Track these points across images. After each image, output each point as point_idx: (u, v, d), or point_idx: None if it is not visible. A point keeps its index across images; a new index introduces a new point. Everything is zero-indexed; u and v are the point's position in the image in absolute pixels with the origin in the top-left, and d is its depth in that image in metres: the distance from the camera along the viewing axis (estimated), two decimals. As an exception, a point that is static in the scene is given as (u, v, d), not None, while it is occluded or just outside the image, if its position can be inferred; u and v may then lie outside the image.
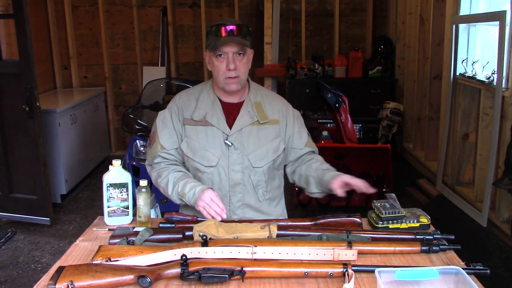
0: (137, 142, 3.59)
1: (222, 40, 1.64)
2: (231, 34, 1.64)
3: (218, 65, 1.68)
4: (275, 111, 1.79)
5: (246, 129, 1.73)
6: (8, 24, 4.08)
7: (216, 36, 1.65)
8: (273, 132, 1.77)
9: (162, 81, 4.42)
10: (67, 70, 5.42)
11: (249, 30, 1.69)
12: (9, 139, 3.64)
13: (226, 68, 1.66)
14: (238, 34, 1.65)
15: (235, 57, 1.66)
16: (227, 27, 1.64)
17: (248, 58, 1.72)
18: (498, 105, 2.68)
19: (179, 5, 5.43)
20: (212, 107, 1.75)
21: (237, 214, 1.75)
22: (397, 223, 1.54)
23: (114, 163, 1.63)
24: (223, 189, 1.74)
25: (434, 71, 3.88)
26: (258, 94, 1.80)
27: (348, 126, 3.93)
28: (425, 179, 3.96)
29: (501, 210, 2.70)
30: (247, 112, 1.75)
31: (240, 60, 1.68)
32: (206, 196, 1.58)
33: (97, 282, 1.18)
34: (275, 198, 1.85)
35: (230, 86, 1.69)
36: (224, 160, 1.72)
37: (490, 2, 3.19)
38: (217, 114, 1.74)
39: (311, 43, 5.48)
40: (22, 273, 3.06)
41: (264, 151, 1.74)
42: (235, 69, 1.66)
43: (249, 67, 1.74)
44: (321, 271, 1.24)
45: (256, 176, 1.75)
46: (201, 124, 1.73)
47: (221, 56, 1.67)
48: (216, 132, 1.72)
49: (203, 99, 1.77)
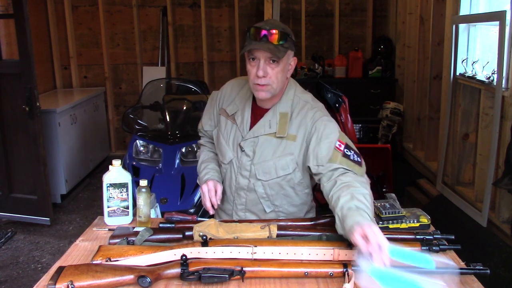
0: (137, 142, 3.59)
1: (254, 44, 1.54)
2: (265, 39, 1.53)
3: (250, 69, 1.59)
4: (301, 126, 1.63)
5: (262, 138, 1.66)
6: (8, 24, 4.08)
7: (251, 39, 1.56)
8: (287, 148, 1.63)
9: (162, 81, 4.42)
10: (67, 70, 5.42)
11: (289, 36, 1.56)
12: (9, 139, 3.64)
13: (255, 74, 1.56)
14: (275, 40, 1.53)
15: (267, 64, 1.55)
16: (264, 31, 1.53)
17: (285, 66, 1.59)
18: (498, 105, 2.68)
19: (179, 5, 5.43)
20: (244, 106, 1.71)
21: (239, 215, 1.76)
22: (397, 223, 1.54)
23: (114, 163, 1.63)
24: (231, 188, 1.75)
25: (434, 71, 3.88)
26: (289, 104, 1.66)
27: (348, 126, 3.93)
28: (425, 179, 3.96)
29: (501, 210, 2.70)
30: (268, 121, 1.65)
31: (273, 68, 1.55)
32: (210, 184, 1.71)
33: (97, 282, 1.18)
34: (290, 213, 1.74)
35: (258, 93, 1.60)
36: (236, 161, 1.71)
37: (490, 2, 3.19)
38: (243, 115, 1.70)
39: (311, 43, 5.48)
40: (22, 273, 3.06)
41: (271, 165, 1.64)
42: (264, 76, 1.55)
43: (286, 75, 1.63)
44: (321, 271, 1.24)
45: (260, 188, 1.69)
46: (230, 119, 1.74)
47: (253, 60, 1.57)
48: (236, 132, 1.71)
49: (242, 94, 1.74)
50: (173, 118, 3.67)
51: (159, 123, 3.81)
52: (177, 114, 3.71)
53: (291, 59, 1.62)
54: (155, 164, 3.47)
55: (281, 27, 1.57)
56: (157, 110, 3.77)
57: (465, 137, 3.33)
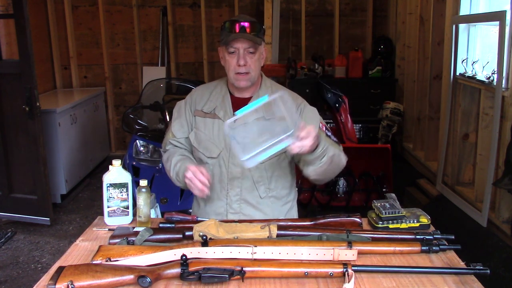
0: (137, 142, 3.59)
1: (234, 36, 1.66)
2: (243, 31, 1.66)
3: (229, 61, 1.70)
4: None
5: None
6: (8, 24, 4.08)
7: (229, 32, 1.67)
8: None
9: (162, 81, 4.42)
10: (67, 70, 5.42)
11: (262, 27, 1.71)
12: (9, 139, 3.64)
13: (236, 64, 1.68)
14: (251, 31, 1.67)
15: (246, 54, 1.68)
16: (240, 23, 1.66)
17: (260, 55, 1.73)
18: (498, 105, 2.68)
19: (179, 5, 5.43)
20: (222, 101, 1.78)
21: (233, 208, 1.76)
22: (397, 223, 1.54)
23: (114, 163, 1.63)
24: (222, 181, 1.76)
25: (434, 71, 3.88)
26: (269, 90, 1.80)
27: (348, 126, 3.94)
28: (425, 179, 3.96)
29: (501, 210, 2.70)
30: None
31: (251, 57, 1.69)
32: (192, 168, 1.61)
33: (97, 282, 1.18)
34: (281, 198, 1.83)
35: (239, 82, 1.71)
36: (225, 153, 1.74)
37: (490, 2, 3.19)
38: (225, 108, 1.77)
39: (311, 43, 5.48)
40: (22, 273, 3.06)
41: None
42: (245, 65, 1.68)
43: (261, 64, 1.76)
44: (321, 271, 1.24)
45: (257, 172, 1.75)
46: (209, 116, 1.78)
47: (232, 52, 1.69)
48: (222, 124, 1.74)
49: (216, 93, 1.81)
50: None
51: (159, 123, 3.82)
52: (177, 114, 3.70)
53: (263, 49, 1.76)
54: (155, 164, 3.47)
55: (254, 19, 1.71)
56: (157, 110, 3.77)
57: (465, 137, 3.33)
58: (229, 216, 1.76)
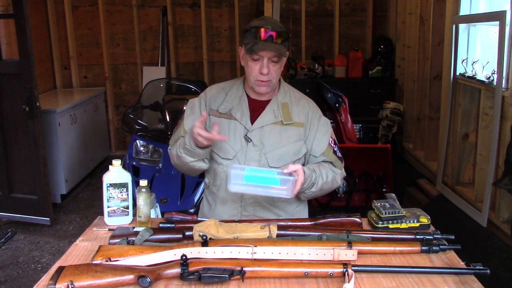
0: (137, 142, 3.59)
1: (261, 44, 1.62)
2: (270, 40, 1.62)
3: (252, 66, 1.68)
4: (301, 114, 1.77)
5: (268, 127, 1.73)
6: (8, 24, 4.08)
7: (255, 37, 1.63)
8: (296, 134, 1.75)
9: (162, 81, 4.42)
10: (67, 70, 5.42)
11: (288, 36, 1.68)
12: (9, 139, 3.64)
13: (258, 71, 1.66)
14: (277, 41, 1.63)
15: (270, 62, 1.66)
16: (268, 32, 1.62)
17: (282, 63, 1.71)
18: (498, 105, 2.68)
19: (179, 5, 5.43)
20: (238, 102, 1.76)
21: (247, 211, 1.76)
22: (397, 223, 1.54)
23: (114, 163, 1.63)
24: None
25: (434, 71, 3.88)
26: (287, 95, 1.79)
27: (348, 126, 3.94)
28: (425, 179, 3.96)
29: (501, 210, 2.70)
30: (271, 111, 1.75)
31: (274, 65, 1.67)
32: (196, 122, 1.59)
33: (97, 282, 1.18)
34: (293, 202, 1.82)
35: (260, 88, 1.70)
36: (241, 155, 1.72)
37: (490, 2, 3.19)
38: (242, 109, 1.75)
39: (311, 43, 5.48)
40: (22, 273, 3.06)
41: (284, 151, 1.72)
42: (267, 73, 1.66)
43: (281, 70, 1.74)
44: (321, 271, 1.24)
45: None
46: (225, 117, 1.75)
47: (256, 60, 1.66)
48: (238, 126, 1.73)
49: (232, 93, 1.79)
50: (173, 118, 3.67)
51: (159, 123, 3.81)
52: (177, 114, 3.70)
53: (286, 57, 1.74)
54: (155, 164, 3.47)
55: (281, 26, 1.69)
56: (157, 110, 3.77)
57: (465, 137, 3.33)
58: (243, 218, 1.74)
